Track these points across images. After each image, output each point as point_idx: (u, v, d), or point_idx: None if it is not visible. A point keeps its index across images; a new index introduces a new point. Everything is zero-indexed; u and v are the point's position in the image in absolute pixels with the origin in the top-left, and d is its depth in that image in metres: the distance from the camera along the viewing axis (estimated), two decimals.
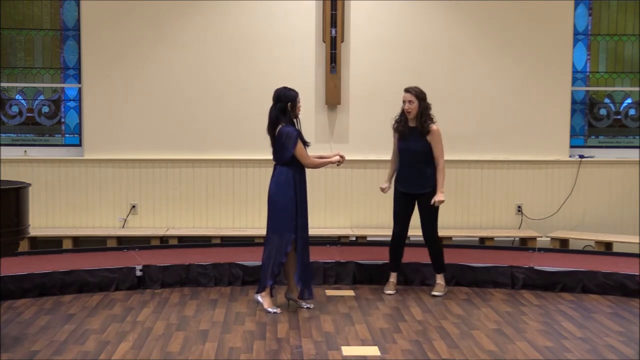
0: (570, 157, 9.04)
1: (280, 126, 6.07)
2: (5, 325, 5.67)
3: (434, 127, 6.63)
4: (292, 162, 6.11)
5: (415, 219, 6.81)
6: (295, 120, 6.16)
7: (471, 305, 6.46)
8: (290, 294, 6.33)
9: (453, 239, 8.57)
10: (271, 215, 6.20)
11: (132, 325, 5.74)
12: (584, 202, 8.98)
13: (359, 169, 8.76)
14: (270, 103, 6.19)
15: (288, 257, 6.19)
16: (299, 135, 6.11)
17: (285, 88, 6.20)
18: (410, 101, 6.61)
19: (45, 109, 8.91)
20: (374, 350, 5.18)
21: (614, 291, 6.80)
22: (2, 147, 8.64)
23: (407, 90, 6.65)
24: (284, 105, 6.08)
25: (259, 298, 6.17)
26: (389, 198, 8.96)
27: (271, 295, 6.23)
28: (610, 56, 9.25)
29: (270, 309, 6.11)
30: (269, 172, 6.33)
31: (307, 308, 6.25)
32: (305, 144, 6.16)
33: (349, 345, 5.30)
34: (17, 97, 8.91)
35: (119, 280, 6.85)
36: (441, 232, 8.52)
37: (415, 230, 8.81)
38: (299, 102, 6.18)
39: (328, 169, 8.16)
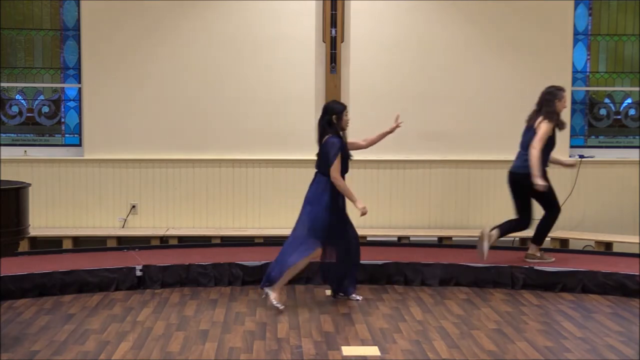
0: (570, 157, 9.03)
1: (327, 136, 6.26)
2: (5, 325, 5.67)
3: None
4: None
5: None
6: (342, 132, 6.32)
7: (471, 305, 6.46)
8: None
9: (453, 239, 8.57)
10: (304, 218, 6.31)
11: (132, 325, 5.74)
12: (584, 202, 8.98)
13: (358, 169, 8.71)
14: (270, 103, 6.20)
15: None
16: (342, 147, 6.24)
17: (333, 101, 6.51)
18: None
19: (45, 109, 8.91)
20: (374, 350, 5.18)
21: (614, 291, 6.80)
22: (2, 147, 8.64)
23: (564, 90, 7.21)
24: (330, 117, 6.27)
25: (268, 290, 6.21)
26: (389, 198, 8.98)
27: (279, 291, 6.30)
28: (610, 56, 9.25)
29: (276, 303, 6.13)
30: (269, 172, 6.33)
31: (357, 300, 6.51)
32: (348, 157, 6.31)
33: (349, 345, 5.30)
34: (17, 97, 8.91)
35: (119, 280, 6.85)
36: (441, 232, 8.55)
37: (415, 230, 8.84)
38: (346, 115, 6.33)
39: None
